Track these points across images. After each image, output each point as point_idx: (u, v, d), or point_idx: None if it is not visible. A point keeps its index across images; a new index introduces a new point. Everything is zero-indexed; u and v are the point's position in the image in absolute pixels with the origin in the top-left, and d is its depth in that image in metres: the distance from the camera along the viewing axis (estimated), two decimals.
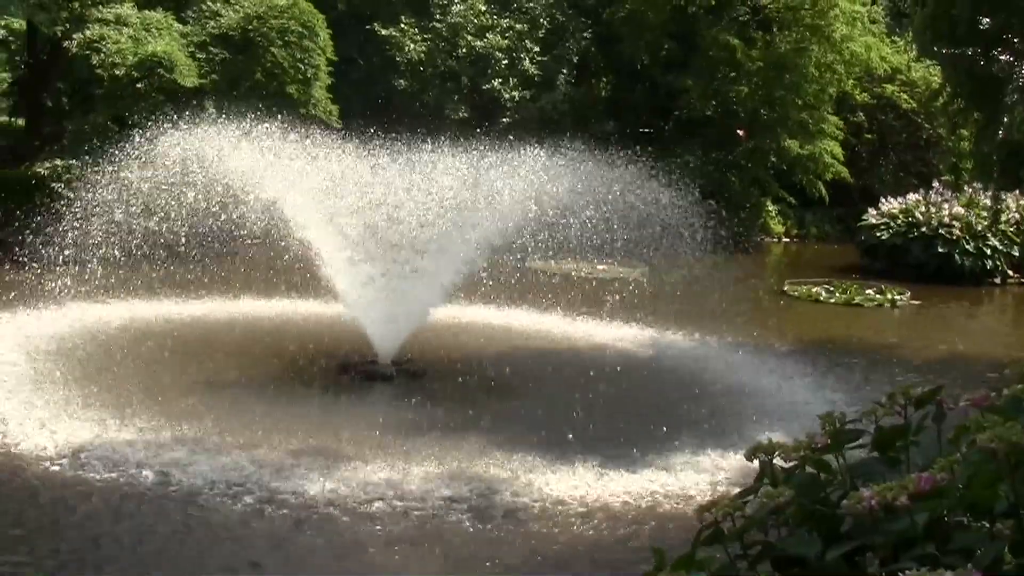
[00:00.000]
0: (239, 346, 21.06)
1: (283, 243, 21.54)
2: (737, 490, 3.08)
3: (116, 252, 21.69)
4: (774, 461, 3.12)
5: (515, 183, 21.51)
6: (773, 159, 45.19)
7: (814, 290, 32.68)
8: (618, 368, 20.77)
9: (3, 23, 41.11)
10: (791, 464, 3.10)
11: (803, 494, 2.88)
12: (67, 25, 32.78)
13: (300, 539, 12.47)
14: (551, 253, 25.17)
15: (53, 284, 21.69)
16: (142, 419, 15.94)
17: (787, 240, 47.97)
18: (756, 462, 3.16)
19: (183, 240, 22.74)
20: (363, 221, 20.92)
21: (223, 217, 22.18)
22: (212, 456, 14.54)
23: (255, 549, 12.23)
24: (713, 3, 45.72)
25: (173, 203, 21.68)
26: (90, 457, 14.34)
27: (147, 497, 13.33)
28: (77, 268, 21.43)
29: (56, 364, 18.89)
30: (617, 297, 25.76)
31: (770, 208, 47.42)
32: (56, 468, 14.10)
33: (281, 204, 20.75)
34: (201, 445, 14.97)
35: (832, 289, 32.88)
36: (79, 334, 21.11)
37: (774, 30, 45.73)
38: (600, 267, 31.04)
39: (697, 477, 14.89)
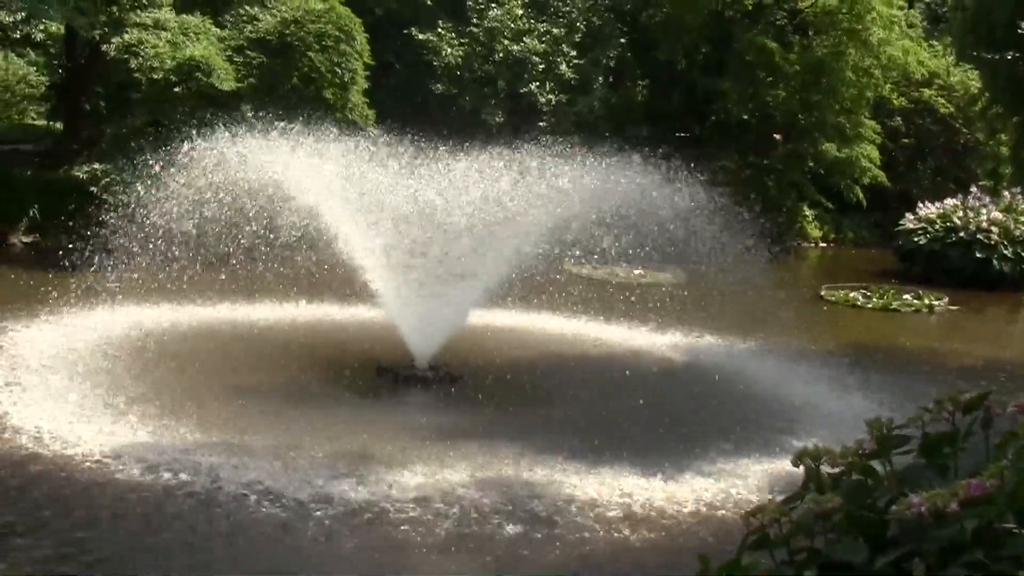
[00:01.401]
0: (277, 350, 21.09)
1: (320, 247, 21.57)
2: (780, 496, 3.08)
3: (154, 256, 21.73)
4: (820, 467, 3.11)
5: (551, 187, 21.48)
6: (810, 163, 45.05)
7: (851, 295, 32.55)
8: (655, 373, 20.75)
9: (42, 27, 41.33)
10: (837, 470, 3.10)
11: (850, 500, 2.88)
12: (105, 29, 32.90)
13: (338, 544, 12.48)
14: (588, 257, 25.10)
15: (91, 288, 21.74)
16: (180, 423, 15.97)
17: (824, 245, 47.77)
18: (802, 468, 3.16)
19: (222, 244, 22.76)
20: (400, 225, 20.94)
21: (263, 221, 22.21)
22: (249, 460, 14.55)
23: (292, 554, 12.25)
24: (750, 7, 45.58)
25: (212, 207, 21.70)
26: (128, 460, 14.37)
27: (184, 501, 13.36)
28: (115, 272, 21.47)
29: (95, 368, 18.94)
30: (654, 302, 25.70)
31: (807, 213, 47.24)
32: (95, 470, 14.14)
33: (319, 208, 20.79)
34: (237, 449, 14.98)
35: (869, 294, 32.73)
36: (117, 338, 21.17)
37: (811, 34, 45.58)
38: (637, 271, 30.96)
39: (736, 483, 14.83)
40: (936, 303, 31.90)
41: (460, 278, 20.76)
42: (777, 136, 46.39)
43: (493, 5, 46.38)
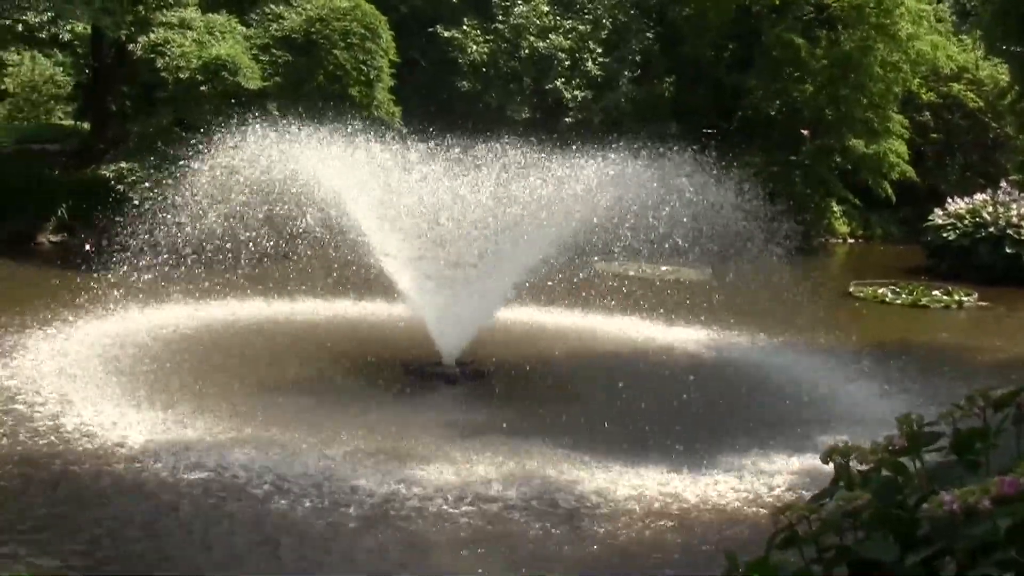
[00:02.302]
0: (306, 347, 21.16)
1: (348, 244, 21.60)
2: (808, 494, 3.05)
3: (183, 254, 21.80)
4: (850, 464, 3.07)
5: (578, 185, 21.46)
6: (838, 159, 44.89)
7: (880, 291, 32.45)
8: (682, 370, 20.71)
9: (68, 28, 41.47)
10: (867, 467, 3.05)
11: (880, 497, 2.84)
12: (132, 29, 33.04)
13: (366, 539, 12.49)
14: (614, 254, 25.09)
15: (119, 286, 21.81)
16: (210, 420, 16.06)
17: (852, 241, 47.69)
18: (831, 465, 3.11)
19: (249, 242, 22.83)
20: (428, 223, 20.97)
21: (291, 219, 22.28)
22: (278, 456, 14.61)
23: (318, 548, 12.25)
24: (777, 2, 45.41)
25: (240, 205, 21.76)
26: (159, 457, 14.45)
27: (216, 497, 13.41)
28: (144, 270, 21.55)
29: (125, 366, 19.03)
30: (681, 298, 25.66)
31: (835, 209, 47.12)
32: (128, 467, 14.22)
33: (348, 206, 20.82)
34: (266, 445, 15.05)
35: (898, 290, 32.64)
36: (148, 336, 21.25)
37: (839, 29, 45.41)
38: (664, 268, 30.95)
39: (765, 480, 14.79)
40: (965, 299, 31.78)
41: (487, 276, 20.78)
42: (804, 132, 46.26)
43: (519, 2, 46.39)
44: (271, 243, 23.31)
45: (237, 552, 12.13)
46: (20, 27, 41.51)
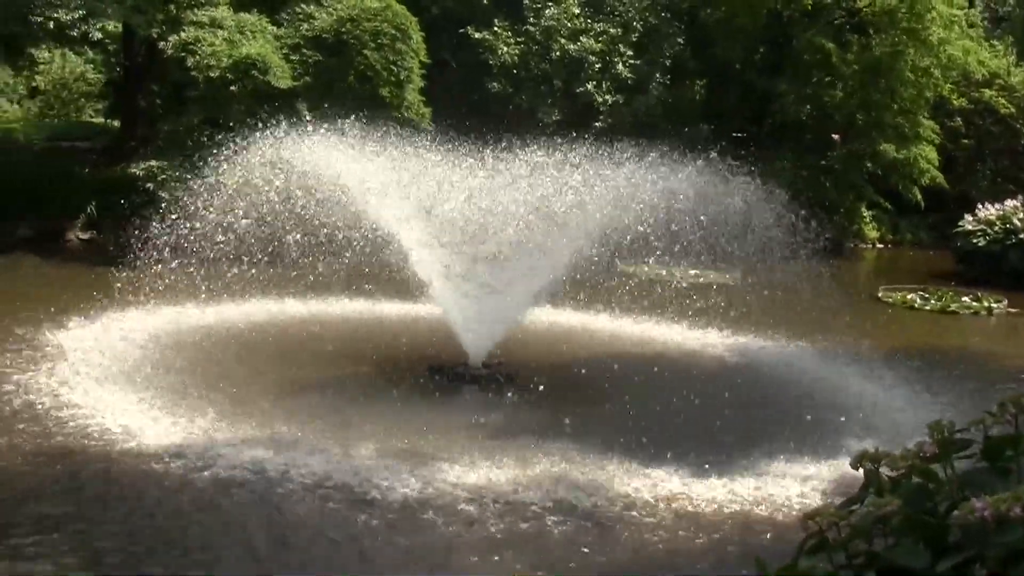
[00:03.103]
0: (331, 346, 21.19)
1: (376, 245, 21.60)
2: (834, 500, 3.04)
3: (210, 253, 21.87)
4: (880, 470, 3.06)
5: (606, 187, 21.43)
6: (868, 164, 44.76)
7: (909, 297, 32.32)
8: (710, 373, 20.69)
9: (99, 26, 41.68)
10: (897, 473, 3.04)
11: (910, 504, 2.83)
12: (162, 27, 33.15)
13: (390, 540, 12.49)
14: (642, 257, 25.05)
15: (148, 284, 21.88)
16: (235, 418, 16.09)
17: (881, 246, 47.50)
18: (860, 470, 3.10)
19: (277, 241, 22.90)
20: (456, 223, 20.96)
21: (318, 219, 22.30)
22: (303, 456, 14.63)
23: (345, 550, 12.26)
24: (808, 7, 45.33)
25: (268, 204, 21.81)
26: (183, 454, 14.50)
27: (238, 495, 13.43)
28: (171, 268, 21.63)
29: (151, 364, 19.10)
30: (709, 302, 25.60)
31: (865, 213, 46.97)
32: (156, 464, 14.27)
33: (377, 206, 20.83)
34: (292, 445, 15.08)
35: (927, 296, 32.50)
36: (174, 334, 21.34)
37: (870, 33, 45.28)
38: (692, 271, 30.88)
39: (792, 485, 14.74)
40: (995, 306, 31.64)
41: (513, 277, 20.77)
42: (835, 136, 46.17)
43: (550, 4, 46.35)
44: (300, 242, 23.33)
45: (261, 551, 12.14)
46: (52, 25, 41.72)
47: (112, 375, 18.25)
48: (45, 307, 22.30)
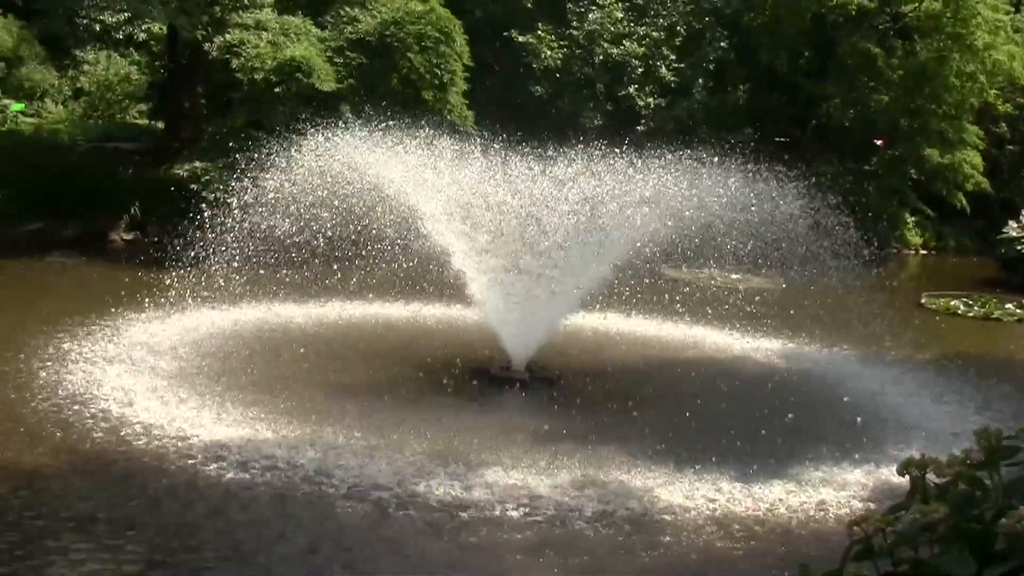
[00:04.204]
0: (374, 349, 21.21)
1: (419, 248, 21.63)
2: (879, 507, 3.01)
3: (252, 255, 21.92)
4: (926, 477, 3.03)
5: (650, 191, 21.40)
6: (912, 169, 44.61)
7: (952, 303, 32.13)
8: (753, 379, 20.61)
9: (145, 27, 41.95)
10: (943, 480, 3.01)
11: (957, 511, 2.80)
12: (207, 30, 33.31)
13: (431, 543, 12.49)
14: (685, 261, 25.01)
15: (190, 285, 21.97)
16: (278, 421, 16.12)
17: (924, 252, 47.31)
18: (907, 477, 3.08)
19: (320, 244, 22.95)
20: (500, 228, 20.98)
21: (361, 221, 22.34)
22: (346, 459, 14.63)
23: (381, 552, 12.27)
24: (853, 11, 45.20)
25: (312, 207, 21.87)
26: (224, 457, 14.52)
27: (280, 498, 13.45)
28: (216, 270, 21.69)
29: (197, 364, 19.16)
30: (752, 307, 25.54)
31: (908, 219, 46.79)
32: (199, 464, 14.29)
33: (419, 209, 20.85)
34: (334, 448, 15.07)
35: (971, 303, 32.30)
36: (215, 336, 21.39)
37: (915, 38, 45.15)
38: (735, 276, 30.83)
39: (838, 492, 14.64)
40: None
41: (558, 281, 20.76)
42: (878, 141, 46.02)
43: (593, 8, 46.38)
44: (344, 245, 23.39)
45: (303, 552, 12.16)
46: (97, 26, 42.05)
47: (152, 374, 18.31)
48: (91, 307, 22.43)
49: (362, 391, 18.39)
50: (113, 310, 22.44)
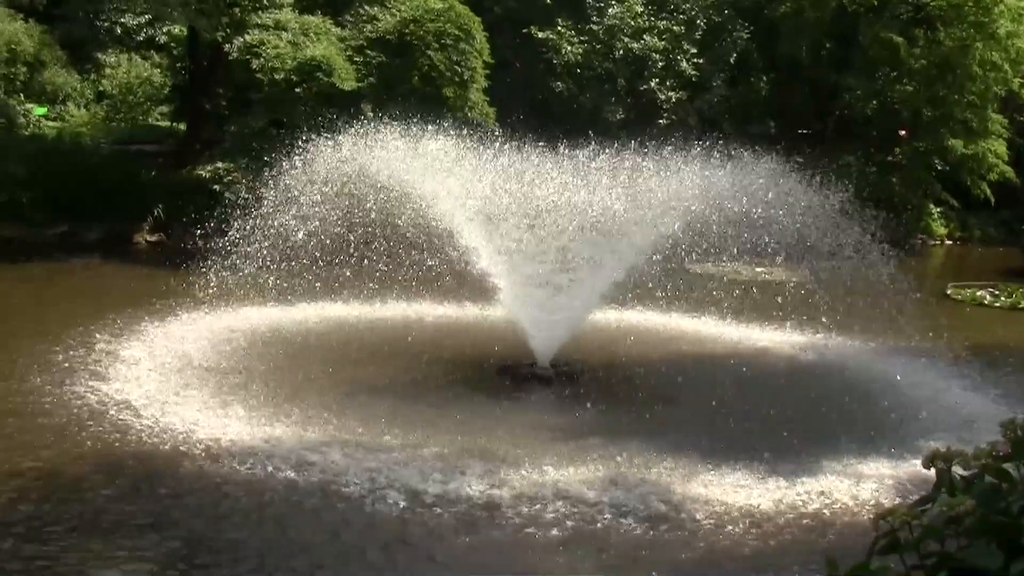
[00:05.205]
0: (400, 347, 21.21)
1: (445, 247, 21.64)
2: (903, 500, 2.98)
3: (280, 255, 21.96)
4: (952, 469, 2.99)
5: (673, 186, 21.35)
6: (936, 160, 44.46)
7: (978, 294, 32.03)
8: (779, 372, 20.57)
9: (165, 30, 42.04)
10: (970, 473, 2.97)
11: (984, 504, 2.76)
12: (227, 31, 33.37)
13: (460, 540, 12.49)
14: (709, 255, 24.96)
15: (217, 286, 21.98)
16: (306, 419, 16.15)
17: (950, 243, 47.17)
18: (933, 470, 3.03)
19: (347, 243, 22.99)
20: (525, 225, 20.96)
21: (388, 221, 22.37)
22: (374, 456, 14.66)
23: (410, 548, 12.28)
24: (875, 1, 45.05)
25: (339, 207, 21.89)
26: (250, 454, 14.56)
27: (308, 496, 13.47)
28: (240, 271, 21.72)
29: (222, 365, 19.21)
30: (777, 300, 25.47)
31: (932, 210, 46.63)
32: (225, 464, 14.34)
33: (445, 208, 20.85)
34: (362, 445, 15.10)
35: (997, 293, 32.19)
36: (240, 335, 21.42)
37: (937, 27, 44.95)
38: (759, 270, 30.77)
39: (864, 484, 14.61)
40: None
41: (582, 278, 20.76)
42: (902, 132, 45.87)
43: (613, 3, 46.32)
44: (368, 245, 23.42)
45: (332, 551, 12.17)
46: (118, 29, 42.14)
47: (178, 376, 18.35)
48: (116, 309, 22.49)
49: (386, 387, 18.72)
50: (136, 310, 22.48)
